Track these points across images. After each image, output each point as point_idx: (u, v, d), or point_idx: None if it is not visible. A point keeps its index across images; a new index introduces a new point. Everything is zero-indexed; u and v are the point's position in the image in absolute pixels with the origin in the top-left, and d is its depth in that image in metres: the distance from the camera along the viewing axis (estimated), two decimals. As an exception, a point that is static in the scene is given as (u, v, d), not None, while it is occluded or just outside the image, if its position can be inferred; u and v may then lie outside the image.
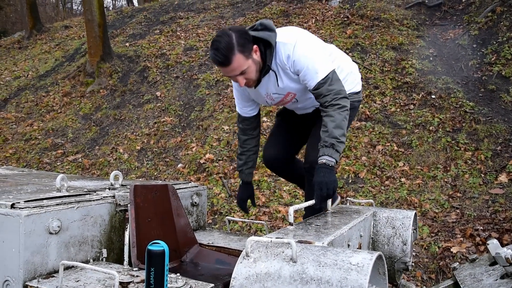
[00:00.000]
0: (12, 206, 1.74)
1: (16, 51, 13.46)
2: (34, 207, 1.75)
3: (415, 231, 2.36)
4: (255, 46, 2.07)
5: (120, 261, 2.08)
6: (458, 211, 4.57)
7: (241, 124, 2.56)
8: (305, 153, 2.46)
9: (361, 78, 2.65)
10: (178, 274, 1.66)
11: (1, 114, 9.20)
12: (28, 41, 13.80)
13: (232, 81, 2.34)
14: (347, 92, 2.19)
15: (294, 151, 2.69)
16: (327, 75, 2.10)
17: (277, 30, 2.17)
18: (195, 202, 2.66)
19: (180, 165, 6.18)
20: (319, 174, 2.04)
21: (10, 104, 9.57)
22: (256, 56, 2.09)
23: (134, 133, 7.28)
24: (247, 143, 2.57)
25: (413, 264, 3.07)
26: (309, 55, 2.11)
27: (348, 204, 2.49)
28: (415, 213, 2.30)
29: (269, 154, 2.59)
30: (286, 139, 2.61)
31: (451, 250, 4.06)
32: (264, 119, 6.37)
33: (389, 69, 7.10)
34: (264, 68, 2.15)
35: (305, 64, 2.10)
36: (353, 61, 2.57)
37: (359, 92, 2.47)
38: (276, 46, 2.12)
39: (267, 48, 2.12)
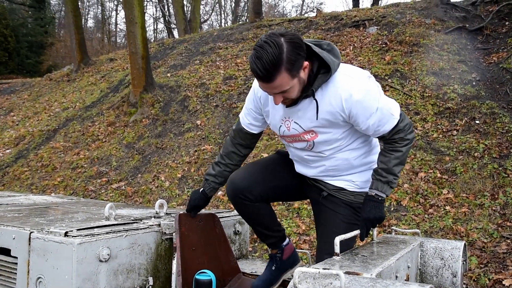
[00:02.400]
0: (66, 234, 1.81)
1: (65, 83, 14.20)
2: (86, 235, 1.81)
3: (465, 262, 2.27)
4: (306, 63, 1.75)
5: (165, 289, 2.11)
6: (509, 241, 4.35)
7: (235, 133, 2.24)
8: (317, 248, 2.16)
9: (402, 104, 2.52)
10: (223, 303, 1.67)
11: (51, 144, 9.66)
12: (76, 74, 14.54)
13: (256, 87, 2.06)
14: None
15: (273, 196, 2.24)
16: (400, 117, 1.89)
17: (342, 64, 1.89)
18: (238, 231, 2.67)
19: (220, 193, 6.24)
20: (368, 207, 1.91)
21: (59, 134, 10.04)
22: (304, 74, 1.77)
23: (175, 161, 7.44)
24: (231, 156, 2.23)
25: (463, 297, 2.94)
26: (376, 101, 1.82)
27: (393, 233, 2.43)
28: (465, 244, 2.22)
29: (245, 181, 2.09)
30: (273, 177, 2.17)
31: (503, 282, 3.85)
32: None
33: (430, 94, 6.98)
34: (307, 91, 1.82)
35: (374, 110, 1.82)
36: (392, 87, 2.43)
37: None
38: (333, 75, 1.82)
39: (321, 72, 1.81)
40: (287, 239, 2.32)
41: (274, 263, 2.25)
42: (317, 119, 1.87)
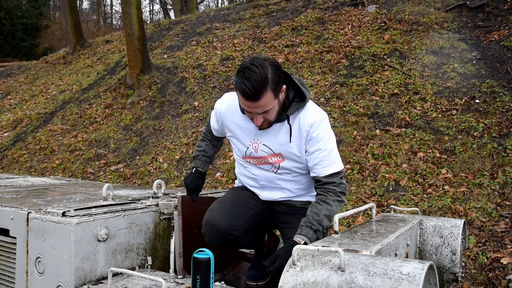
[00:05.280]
0: (63, 214, 1.80)
1: (62, 66, 14.07)
2: (83, 215, 1.80)
3: (464, 240, 2.27)
4: (284, 86, 1.91)
5: (164, 268, 2.11)
6: (507, 220, 4.37)
7: (207, 132, 2.35)
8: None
9: (400, 84, 2.49)
10: (223, 282, 1.67)
11: (49, 127, 9.61)
12: (72, 57, 14.40)
13: (220, 112, 2.13)
14: None
15: (254, 222, 2.18)
16: (342, 170, 2.02)
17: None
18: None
19: (218, 174, 6.24)
20: (290, 254, 1.64)
21: (56, 117, 9.99)
22: (281, 96, 1.91)
23: (173, 143, 7.42)
24: (214, 132, 2.30)
25: (462, 275, 2.95)
26: (332, 141, 2.01)
27: (392, 212, 2.43)
28: (464, 222, 2.21)
29: (226, 221, 2.01)
30: (247, 207, 2.13)
31: (501, 261, 3.87)
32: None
33: (429, 74, 6.92)
34: (281, 115, 1.95)
35: (327, 146, 1.97)
36: (391, 66, 2.39)
37: None
38: (305, 106, 1.97)
39: (296, 100, 1.97)
40: (266, 233, 2.32)
41: (262, 257, 2.24)
42: (290, 142, 1.98)
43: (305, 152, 1.99)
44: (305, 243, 1.84)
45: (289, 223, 2.13)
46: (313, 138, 1.96)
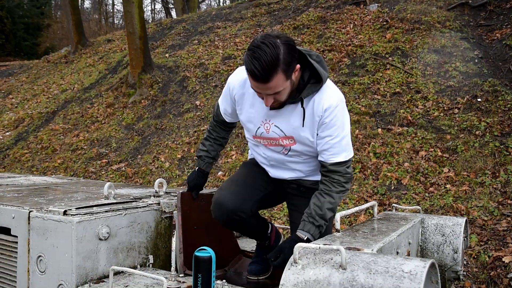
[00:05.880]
0: (65, 213, 1.80)
1: (63, 65, 14.09)
2: (84, 214, 1.80)
3: (466, 238, 2.27)
4: (298, 66, 1.78)
5: (166, 267, 2.11)
6: (509, 218, 4.36)
7: (216, 116, 2.27)
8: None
9: (402, 82, 2.47)
10: (224, 280, 1.66)
11: (50, 126, 9.63)
12: (74, 56, 14.41)
13: (232, 85, 2.06)
14: None
15: (261, 206, 2.22)
16: (351, 158, 1.95)
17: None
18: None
19: (220, 172, 6.23)
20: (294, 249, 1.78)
21: (58, 116, 10.00)
22: (295, 76, 1.79)
23: (175, 142, 7.42)
24: (217, 129, 2.28)
25: (464, 273, 2.95)
26: (345, 127, 1.92)
27: (393, 210, 2.43)
28: (466, 220, 2.21)
29: (234, 202, 2.02)
30: (257, 190, 2.13)
31: (503, 259, 3.86)
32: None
33: (431, 72, 6.91)
34: (294, 97, 1.86)
35: (339, 133, 1.89)
36: (393, 65, 2.37)
37: None
38: (321, 87, 1.87)
39: (311, 82, 1.86)
40: (270, 225, 2.30)
41: (264, 251, 2.24)
42: (303, 126, 1.90)
43: (316, 135, 1.91)
44: (308, 239, 1.84)
45: (297, 205, 2.12)
46: (325, 124, 1.87)
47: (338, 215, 1.64)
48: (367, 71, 7.35)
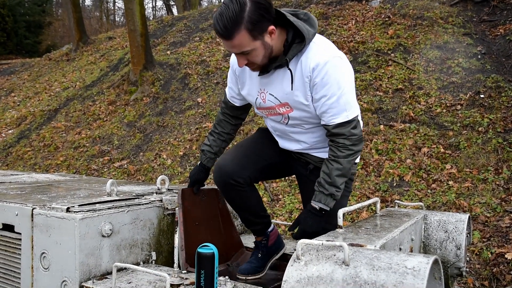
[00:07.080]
0: (68, 210, 1.81)
1: (65, 63, 14.09)
2: (87, 211, 1.81)
3: (469, 235, 2.26)
4: (271, 27, 1.70)
5: (168, 263, 2.12)
6: (512, 215, 4.35)
7: (223, 105, 2.25)
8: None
9: (404, 79, 2.42)
10: (227, 277, 1.67)
11: (52, 124, 9.64)
12: (75, 53, 14.42)
13: (233, 61, 2.06)
14: None
15: (261, 177, 2.21)
16: (355, 118, 1.83)
17: (319, 35, 1.84)
18: (240, 206, 2.66)
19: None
20: (310, 220, 1.86)
21: (60, 114, 10.01)
22: (270, 39, 1.72)
23: (177, 139, 7.42)
24: (223, 124, 2.24)
25: (467, 269, 2.95)
26: (342, 85, 1.77)
27: (396, 207, 2.42)
28: (469, 216, 2.21)
29: (233, 166, 2.03)
30: (260, 158, 2.11)
31: (506, 256, 3.86)
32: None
33: (433, 69, 6.89)
34: (281, 60, 1.79)
35: (334, 92, 1.76)
36: (395, 61, 2.32)
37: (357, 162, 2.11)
38: (308, 46, 1.78)
39: (296, 42, 1.77)
40: (272, 225, 2.26)
41: (260, 250, 2.20)
42: (292, 89, 1.82)
43: (312, 99, 1.82)
44: (321, 209, 1.84)
45: (305, 183, 2.14)
46: (317, 84, 1.76)
47: (340, 212, 1.64)
48: (369, 67, 7.33)
